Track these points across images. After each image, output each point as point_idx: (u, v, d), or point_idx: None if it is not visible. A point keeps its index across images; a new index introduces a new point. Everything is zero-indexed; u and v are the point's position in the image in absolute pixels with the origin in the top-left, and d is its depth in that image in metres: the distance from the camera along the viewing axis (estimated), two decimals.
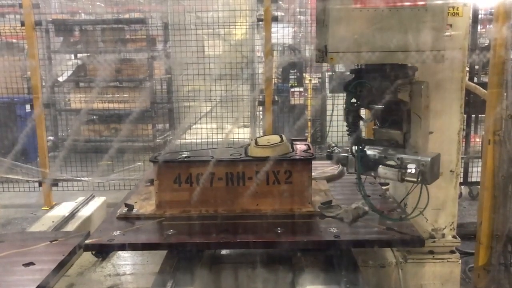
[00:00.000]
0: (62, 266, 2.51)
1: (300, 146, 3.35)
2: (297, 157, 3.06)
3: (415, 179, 2.60)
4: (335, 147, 4.00)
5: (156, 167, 3.00)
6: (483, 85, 3.58)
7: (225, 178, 3.01)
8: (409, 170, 2.59)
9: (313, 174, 3.17)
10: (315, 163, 3.12)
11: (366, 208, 2.94)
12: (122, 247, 2.71)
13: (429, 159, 2.58)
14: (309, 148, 3.29)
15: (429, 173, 2.56)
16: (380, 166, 2.72)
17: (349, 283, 2.62)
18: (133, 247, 2.71)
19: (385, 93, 2.57)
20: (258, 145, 3.13)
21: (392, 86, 2.58)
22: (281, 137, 3.26)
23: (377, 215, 2.91)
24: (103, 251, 2.96)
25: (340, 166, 3.87)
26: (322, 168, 4.04)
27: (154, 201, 3.06)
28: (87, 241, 2.62)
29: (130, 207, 3.04)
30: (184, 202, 3.01)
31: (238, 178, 3.02)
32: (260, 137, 3.42)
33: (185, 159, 3.05)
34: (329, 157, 3.87)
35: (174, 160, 3.06)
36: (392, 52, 2.47)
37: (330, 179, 3.75)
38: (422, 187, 2.70)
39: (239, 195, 3.03)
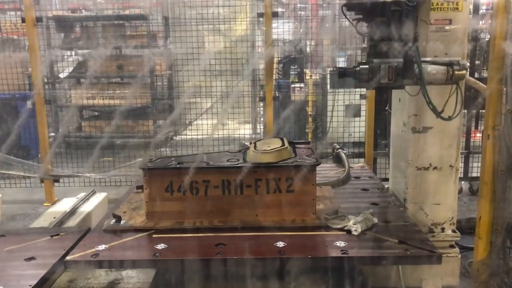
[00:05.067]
0: (63, 260, 2.52)
1: (303, 150, 3.10)
2: (300, 163, 2.79)
3: (464, 75, 2.61)
4: (340, 148, 3.94)
5: (146, 174, 2.77)
6: (484, 80, 3.58)
7: (221, 186, 2.76)
8: (463, 62, 2.60)
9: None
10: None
11: (375, 219, 2.77)
12: (107, 264, 2.47)
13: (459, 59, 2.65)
14: (313, 152, 3.06)
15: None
16: (429, 66, 2.62)
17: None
18: (119, 264, 2.47)
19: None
20: (257, 150, 2.89)
21: None
22: (282, 140, 3.03)
23: (388, 226, 2.74)
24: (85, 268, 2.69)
25: (346, 170, 3.69)
26: (325, 171, 3.80)
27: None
28: (68, 257, 2.40)
29: (118, 218, 2.82)
30: (176, 212, 2.78)
31: (235, 186, 2.77)
32: (259, 140, 3.20)
33: (178, 166, 2.79)
34: (337, 160, 3.78)
35: (165, 166, 2.80)
36: None
37: (335, 184, 3.52)
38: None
39: (237, 205, 2.79)
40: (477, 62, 5.83)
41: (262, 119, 7.40)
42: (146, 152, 6.36)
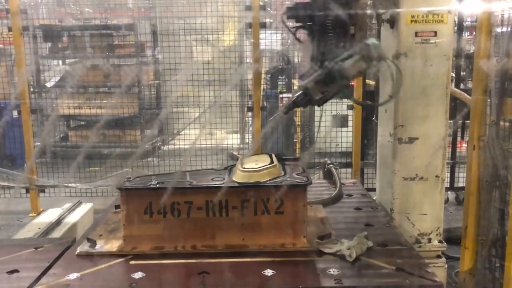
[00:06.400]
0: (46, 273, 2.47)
1: (293, 168, 2.88)
2: (290, 183, 2.58)
3: (381, 54, 2.47)
4: (331, 164, 3.85)
5: (123, 195, 2.55)
6: (469, 91, 3.62)
7: (205, 208, 2.55)
8: (369, 42, 2.46)
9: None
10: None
11: (370, 242, 2.59)
12: None
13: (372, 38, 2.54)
14: (303, 171, 2.81)
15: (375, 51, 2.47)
16: (345, 62, 2.46)
17: None
18: None
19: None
20: (244, 168, 2.66)
21: None
22: (270, 157, 2.82)
23: (384, 250, 2.56)
24: None
25: (338, 188, 3.48)
26: (315, 188, 3.56)
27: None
28: None
29: (92, 243, 2.60)
30: (156, 236, 2.56)
31: (220, 207, 2.55)
32: (247, 157, 2.99)
33: (157, 186, 2.57)
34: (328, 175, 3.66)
35: (144, 187, 2.58)
36: None
37: (327, 203, 3.30)
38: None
39: (222, 228, 2.58)
40: (462, 73, 5.92)
41: (250, 129, 7.41)
42: (133, 162, 6.34)
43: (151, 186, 2.58)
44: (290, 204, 2.57)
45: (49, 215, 4.40)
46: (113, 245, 2.59)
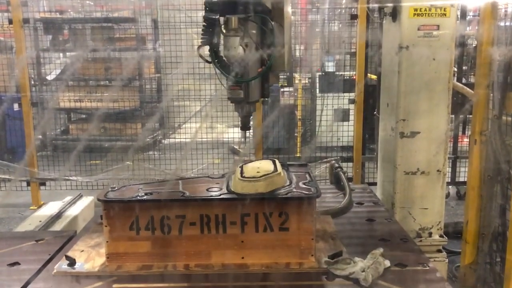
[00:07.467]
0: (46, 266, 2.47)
1: (299, 175, 2.54)
2: (296, 195, 2.26)
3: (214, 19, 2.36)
4: (339, 168, 3.68)
5: (106, 207, 2.25)
6: (472, 85, 3.61)
7: (199, 223, 2.24)
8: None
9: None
10: None
11: (387, 262, 2.25)
12: None
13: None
14: (311, 179, 2.47)
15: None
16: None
17: None
18: None
19: None
20: (244, 177, 2.32)
21: None
22: (274, 163, 2.49)
23: (403, 272, 2.21)
24: None
25: (348, 195, 3.12)
26: (322, 195, 2.97)
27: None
28: None
29: (71, 261, 2.29)
30: (143, 254, 2.27)
31: (217, 223, 2.25)
32: (247, 162, 2.60)
33: (144, 198, 2.27)
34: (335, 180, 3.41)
35: (129, 199, 2.27)
36: None
37: (336, 213, 2.93)
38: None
39: (219, 245, 2.27)
40: (464, 67, 5.89)
41: (251, 122, 7.39)
42: (134, 155, 6.34)
43: (138, 198, 2.28)
44: (296, 218, 2.26)
45: (50, 208, 4.41)
46: (95, 264, 2.31)
